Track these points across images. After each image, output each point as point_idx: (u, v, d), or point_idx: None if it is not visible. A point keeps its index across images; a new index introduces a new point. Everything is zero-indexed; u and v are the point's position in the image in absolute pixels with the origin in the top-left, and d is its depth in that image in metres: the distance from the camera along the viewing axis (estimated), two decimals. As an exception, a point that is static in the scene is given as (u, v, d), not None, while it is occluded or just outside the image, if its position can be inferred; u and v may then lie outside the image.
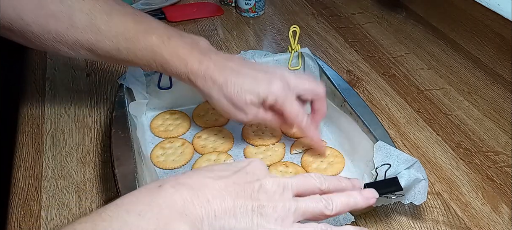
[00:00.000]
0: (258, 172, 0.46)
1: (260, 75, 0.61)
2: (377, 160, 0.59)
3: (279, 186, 0.45)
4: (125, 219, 0.37)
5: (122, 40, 0.61)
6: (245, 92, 0.60)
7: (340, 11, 1.10)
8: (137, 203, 0.39)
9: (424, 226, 0.59)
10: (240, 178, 0.44)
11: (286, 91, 0.61)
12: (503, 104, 0.79)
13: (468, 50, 0.94)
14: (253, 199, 0.43)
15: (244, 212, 0.42)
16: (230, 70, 0.60)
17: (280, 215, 0.43)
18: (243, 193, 0.43)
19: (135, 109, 0.68)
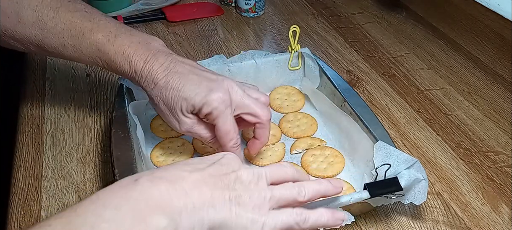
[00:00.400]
0: (233, 164, 0.46)
1: (203, 83, 0.57)
2: (377, 160, 0.59)
3: (254, 175, 0.45)
4: (100, 213, 0.36)
5: (68, 37, 0.61)
6: (181, 99, 0.57)
7: (340, 11, 1.10)
8: (113, 197, 0.38)
9: (424, 226, 0.59)
10: (216, 170, 0.44)
11: (225, 105, 0.57)
12: (503, 104, 0.79)
13: (468, 50, 0.94)
14: (230, 189, 0.43)
15: (222, 202, 0.42)
16: (174, 74, 0.58)
17: (256, 203, 0.43)
18: (220, 183, 0.43)
19: (135, 109, 0.68)
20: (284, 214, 0.45)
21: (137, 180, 0.40)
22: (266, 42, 0.98)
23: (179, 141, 0.69)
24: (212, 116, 0.57)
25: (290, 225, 0.45)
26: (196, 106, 0.57)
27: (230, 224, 0.42)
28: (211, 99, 0.56)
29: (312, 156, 0.66)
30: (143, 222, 0.37)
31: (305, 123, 0.73)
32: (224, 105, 0.57)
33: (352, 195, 0.53)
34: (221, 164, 0.45)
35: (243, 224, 0.42)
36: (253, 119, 0.60)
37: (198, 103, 0.56)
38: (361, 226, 0.59)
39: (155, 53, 0.59)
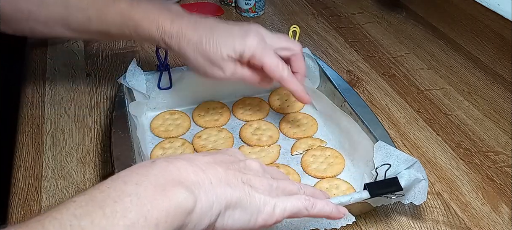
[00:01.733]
0: (238, 155, 0.48)
1: (235, 30, 0.60)
2: (377, 160, 0.59)
3: (260, 166, 0.47)
4: (122, 189, 0.37)
5: (92, 10, 0.62)
6: (221, 47, 0.59)
7: (340, 11, 1.10)
8: (132, 175, 0.39)
9: (424, 226, 0.59)
10: (225, 157, 0.46)
11: (263, 43, 0.60)
12: (503, 104, 0.79)
13: (468, 50, 0.94)
14: (242, 172, 0.44)
15: (236, 182, 0.42)
16: (204, 28, 0.60)
17: (266, 188, 0.44)
18: (232, 166, 0.44)
19: (135, 109, 0.68)
20: (293, 198, 0.45)
21: (154, 161, 0.41)
22: (266, 42, 0.97)
23: (179, 141, 0.69)
24: (256, 57, 0.60)
25: (299, 209, 0.45)
26: (237, 51, 0.59)
27: (245, 203, 0.42)
28: (250, 42, 0.59)
29: (312, 157, 0.66)
30: (164, 195, 0.37)
31: (305, 124, 0.73)
32: (262, 43, 0.60)
33: (352, 195, 0.53)
34: (228, 154, 0.46)
35: (256, 204, 0.42)
36: (287, 52, 0.63)
37: (238, 48, 0.59)
38: (361, 226, 0.59)
39: (178, 14, 0.62)
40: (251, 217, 0.42)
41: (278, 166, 0.65)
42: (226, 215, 0.41)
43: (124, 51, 0.92)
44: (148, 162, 0.41)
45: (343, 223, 0.53)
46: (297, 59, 0.64)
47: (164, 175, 0.39)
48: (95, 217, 0.34)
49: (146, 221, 0.35)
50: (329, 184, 0.62)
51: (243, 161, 0.46)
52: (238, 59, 0.60)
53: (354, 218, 0.54)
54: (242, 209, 0.42)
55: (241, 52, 0.59)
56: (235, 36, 0.60)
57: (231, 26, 0.61)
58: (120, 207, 0.35)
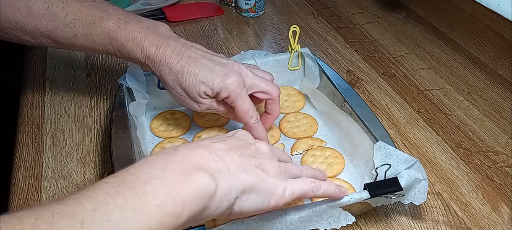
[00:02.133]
0: (248, 138, 0.51)
1: (217, 68, 0.61)
2: (377, 160, 0.59)
3: (269, 149, 0.50)
4: (150, 172, 0.39)
5: (79, 26, 0.62)
6: (199, 83, 0.60)
7: (340, 11, 1.10)
8: (158, 160, 0.41)
9: (424, 226, 0.59)
10: (237, 142, 0.49)
11: (240, 87, 0.61)
12: (503, 104, 0.79)
13: (468, 50, 0.94)
14: (254, 157, 0.47)
15: (250, 168, 0.46)
16: (187, 59, 0.61)
17: (276, 171, 0.48)
18: (245, 152, 0.47)
19: (135, 109, 0.68)
20: (301, 181, 0.49)
21: (176, 149, 0.43)
22: (266, 42, 0.98)
23: (179, 141, 0.69)
24: (230, 99, 0.62)
25: (306, 191, 0.49)
26: (215, 90, 0.61)
27: (259, 188, 0.45)
28: (228, 84, 0.60)
29: (312, 157, 0.66)
30: (189, 179, 0.40)
31: (305, 124, 0.73)
32: (239, 87, 0.61)
33: (352, 195, 0.53)
34: (239, 139, 0.49)
35: (269, 188, 0.46)
36: (264, 96, 0.65)
37: (216, 87, 0.60)
38: (361, 226, 0.59)
39: (165, 39, 0.62)
40: (264, 199, 0.46)
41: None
42: (242, 198, 0.44)
43: (124, 51, 0.92)
44: (171, 149, 0.44)
45: (343, 223, 0.54)
46: (273, 103, 0.66)
47: (187, 161, 0.42)
48: (128, 196, 0.37)
49: (174, 202, 0.38)
50: (329, 184, 0.62)
51: (253, 144, 0.49)
52: (214, 96, 0.62)
53: (354, 218, 0.54)
54: (256, 192, 0.45)
55: (218, 91, 0.61)
56: (216, 74, 0.60)
57: (214, 63, 0.61)
58: (150, 188, 0.38)
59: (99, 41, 0.63)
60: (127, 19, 0.62)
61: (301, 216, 0.51)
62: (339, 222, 0.53)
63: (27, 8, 0.61)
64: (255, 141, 0.51)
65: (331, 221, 0.53)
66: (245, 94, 0.62)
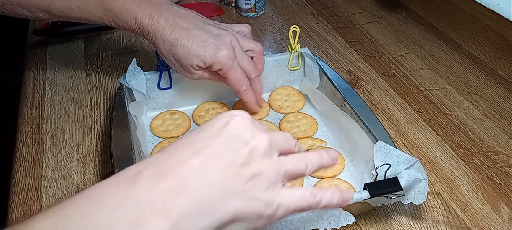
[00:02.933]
0: (244, 131, 0.39)
1: (209, 41, 0.62)
2: (377, 160, 0.59)
3: (269, 144, 0.40)
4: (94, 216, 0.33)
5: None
6: (192, 56, 0.62)
7: (340, 11, 1.10)
8: (109, 195, 0.34)
9: (424, 226, 0.59)
10: (225, 147, 0.38)
11: (232, 59, 0.63)
12: (503, 104, 0.79)
13: (468, 50, 0.94)
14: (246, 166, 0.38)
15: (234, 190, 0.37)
16: (180, 30, 0.62)
17: (272, 181, 0.39)
18: (233, 161, 0.38)
19: (135, 109, 0.68)
20: (299, 194, 0.41)
21: (139, 174, 0.36)
22: (266, 42, 0.98)
23: (179, 141, 0.69)
24: (222, 71, 0.63)
25: (303, 207, 0.41)
26: (207, 63, 0.62)
27: (244, 214, 0.37)
28: (220, 57, 0.62)
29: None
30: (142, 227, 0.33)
31: (305, 124, 0.73)
32: (231, 59, 0.63)
33: (352, 195, 0.53)
34: (230, 137, 0.39)
35: (257, 210, 0.38)
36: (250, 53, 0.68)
37: (209, 61, 0.62)
38: (361, 226, 0.59)
39: (158, 8, 0.63)
40: (249, 224, 0.38)
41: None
42: None
43: (124, 51, 0.92)
44: (131, 175, 0.36)
45: (343, 223, 0.54)
46: (258, 58, 0.68)
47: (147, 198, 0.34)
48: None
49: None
50: (329, 184, 0.62)
51: (248, 143, 0.39)
52: (206, 68, 0.64)
53: (354, 218, 0.54)
54: (240, 221, 0.37)
55: (211, 64, 0.63)
56: (209, 47, 0.62)
57: (207, 35, 0.63)
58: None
59: (94, 13, 0.64)
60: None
61: (301, 216, 0.51)
62: (339, 222, 0.53)
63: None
64: (252, 136, 0.39)
65: (331, 221, 0.53)
66: (236, 65, 0.64)
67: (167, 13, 0.63)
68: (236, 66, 0.64)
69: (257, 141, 0.39)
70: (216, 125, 0.40)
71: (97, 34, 0.97)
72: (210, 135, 0.39)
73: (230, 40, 0.64)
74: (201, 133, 0.40)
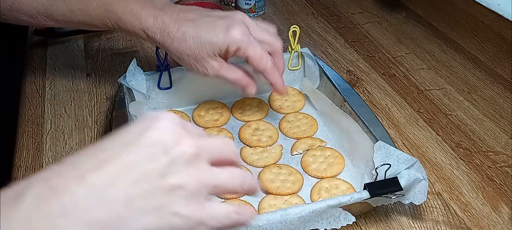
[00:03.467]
0: (166, 138, 0.34)
1: (218, 23, 0.58)
2: (377, 160, 0.59)
3: (192, 153, 0.34)
4: None
5: (75, 1, 0.61)
6: (204, 44, 0.58)
7: (340, 11, 1.10)
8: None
9: (424, 226, 0.59)
10: (140, 156, 0.33)
11: (246, 34, 0.59)
12: (503, 104, 0.79)
13: (468, 50, 0.94)
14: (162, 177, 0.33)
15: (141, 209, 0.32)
16: (187, 22, 0.59)
17: (194, 195, 0.34)
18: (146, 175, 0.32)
19: (135, 109, 0.68)
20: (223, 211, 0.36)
21: (22, 195, 0.29)
22: (266, 42, 0.98)
23: (179, 141, 0.69)
24: (241, 50, 0.59)
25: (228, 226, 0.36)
26: (222, 47, 0.58)
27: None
28: (234, 35, 0.57)
29: (312, 157, 0.66)
30: None
31: (305, 124, 0.73)
32: (246, 35, 0.58)
33: (352, 195, 0.53)
34: (149, 144, 0.33)
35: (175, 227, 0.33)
36: (268, 48, 0.62)
37: (223, 43, 0.57)
38: (361, 226, 0.59)
39: (161, 7, 0.60)
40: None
41: (281, 166, 0.65)
42: None
43: (124, 51, 0.93)
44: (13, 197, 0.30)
45: (343, 223, 0.54)
46: (277, 56, 0.63)
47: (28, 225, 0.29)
48: None
49: None
50: (329, 184, 0.62)
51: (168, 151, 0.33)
52: (223, 55, 0.59)
53: (354, 218, 0.54)
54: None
55: (226, 47, 0.58)
56: (219, 29, 0.58)
57: (215, 18, 0.60)
58: None
59: (96, 15, 0.61)
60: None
61: (301, 216, 0.51)
62: (339, 222, 0.53)
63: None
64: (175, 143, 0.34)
65: (331, 221, 0.53)
66: (253, 40, 0.59)
67: (171, 11, 0.60)
68: (253, 41, 0.59)
69: (181, 148, 0.34)
70: (134, 130, 0.34)
71: (97, 34, 0.97)
72: (124, 142, 0.34)
73: (240, 17, 0.60)
74: (114, 139, 0.34)
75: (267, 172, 0.63)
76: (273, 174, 0.63)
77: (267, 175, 0.63)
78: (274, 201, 0.60)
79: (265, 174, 0.63)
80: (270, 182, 0.62)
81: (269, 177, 0.63)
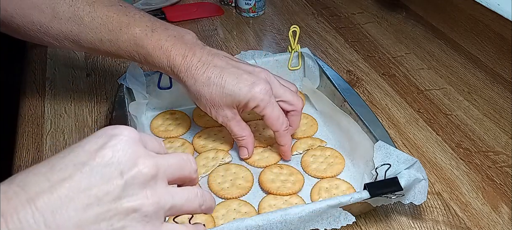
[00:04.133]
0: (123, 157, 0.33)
1: (244, 76, 0.59)
2: (377, 160, 0.59)
3: (150, 174, 0.34)
4: None
5: (105, 32, 0.61)
6: (226, 95, 0.59)
7: (340, 11, 1.10)
8: None
9: (424, 226, 0.59)
10: (94, 177, 0.32)
11: (269, 95, 0.59)
12: (503, 104, 0.79)
13: (468, 50, 0.94)
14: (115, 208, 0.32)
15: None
16: (214, 68, 0.59)
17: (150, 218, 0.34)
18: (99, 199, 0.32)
19: (135, 109, 0.68)
20: None
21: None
22: (266, 42, 0.98)
23: (179, 141, 0.69)
24: (259, 108, 0.59)
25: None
26: (242, 102, 0.59)
27: None
28: (256, 93, 0.58)
29: (312, 157, 0.66)
30: None
31: (305, 124, 0.73)
32: (268, 95, 0.59)
33: (352, 195, 0.53)
34: (105, 163, 0.33)
35: None
36: (288, 107, 0.63)
37: (244, 98, 0.58)
38: (361, 226, 0.59)
39: (191, 47, 0.60)
40: None
41: (282, 166, 0.65)
42: None
43: (124, 51, 0.92)
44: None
45: (343, 223, 0.54)
46: (295, 115, 0.64)
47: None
48: None
49: None
50: (329, 184, 0.62)
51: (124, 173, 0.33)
52: (240, 107, 0.60)
53: (354, 218, 0.54)
54: None
55: (246, 102, 0.59)
56: (243, 84, 0.58)
57: (241, 71, 0.60)
58: None
59: (125, 48, 0.61)
60: (154, 26, 0.61)
61: (301, 216, 0.51)
62: (339, 222, 0.53)
63: (52, 11, 0.60)
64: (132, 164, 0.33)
65: (331, 221, 0.53)
66: (274, 101, 0.60)
67: (200, 52, 0.60)
68: (274, 102, 0.60)
69: (139, 169, 0.33)
70: (89, 147, 0.33)
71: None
72: (78, 161, 0.32)
73: (265, 76, 0.60)
74: (67, 157, 0.33)
75: (268, 172, 0.63)
76: (274, 174, 0.63)
77: (268, 175, 0.63)
78: (274, 201, 0.60)
79: (266, 174, 0.63)
80: (270, 182, 0.62)
81: (270, 177, 0.63)
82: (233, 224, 0.49)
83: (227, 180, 0.63)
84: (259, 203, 0.60)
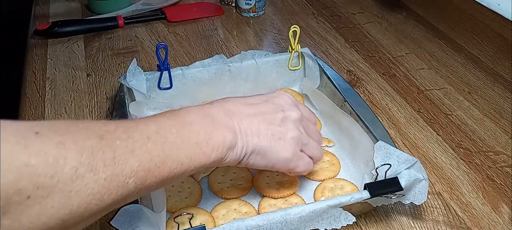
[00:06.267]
0: (283, 104, 0.56)
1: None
2: (377, 160, 0.59)
3: (298, 119, 0.55)
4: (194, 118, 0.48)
5: None
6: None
7: (340, 11, 1.10)
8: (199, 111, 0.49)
9: (424, 226, 0.59)
10: (267, 108, 0.54)
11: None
12: (503, 104, 0.79)
13: (468, 50, 0.94)
14: (275, 125, 0.53)
15: (265, 135, 0.52)
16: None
17: (292, 141, 0.54)
18: (270, 119, 0.53)
19: (135, 109, 0.68)
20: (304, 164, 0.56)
21: (212, 105, 0.52)
22: (266, 42, 0.98)
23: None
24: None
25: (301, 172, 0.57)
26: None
27: (266, 152, 0.52)
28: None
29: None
30: (219, 131, 0.48)
31: (305, 123, 0.73)
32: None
33: (352, 195, 0.53)
34: (273, 103, 0.55)
35: (275, 156, 0.53)
36: None
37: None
38: (361, 226, 0.59)
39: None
40: (268, 163, 0.53)
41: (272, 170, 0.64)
42: (251, 157, 0.52)
43: (124, 51, 0.93)
44: (207, 106, 0.51)
45: (343, 223, 0.54)
46: None
47: (219, 118, 0.50)
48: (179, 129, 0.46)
49: (208, 145, 0.47)
50: (334, 184, 0.62)
51: (284, 111, 0.54)
52: None
53: (354, 218, 0.54)
54: (262, 156, 0.52)
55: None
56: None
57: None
58: (194, 129, 0.47)
59: None
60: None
61: (301, 216, 0.51)
62: (339, 222, 0.53)
63: None
64: (288, 108, 0.55)
65: (332, 221, 0.53)
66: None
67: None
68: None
69: (290, 113, 0.55)
70: (268, 95, 0.57)
71: (97, 34, 0.97)
72: (263, 99, 0.56)
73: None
74: (259, 97, 0.57)
75: (260, 179, 0.62)
76: (268, 178, 0.62)
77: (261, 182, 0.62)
78: (274, 201, 0.60)
79: (258, 181, 0.62)
80: (267, 188, 0.61)
81: (265, 182, 0.62)
82: (233, 224, 0.49)
83: (227, 181, 0.63)
84: (259, 203, 0.60)
